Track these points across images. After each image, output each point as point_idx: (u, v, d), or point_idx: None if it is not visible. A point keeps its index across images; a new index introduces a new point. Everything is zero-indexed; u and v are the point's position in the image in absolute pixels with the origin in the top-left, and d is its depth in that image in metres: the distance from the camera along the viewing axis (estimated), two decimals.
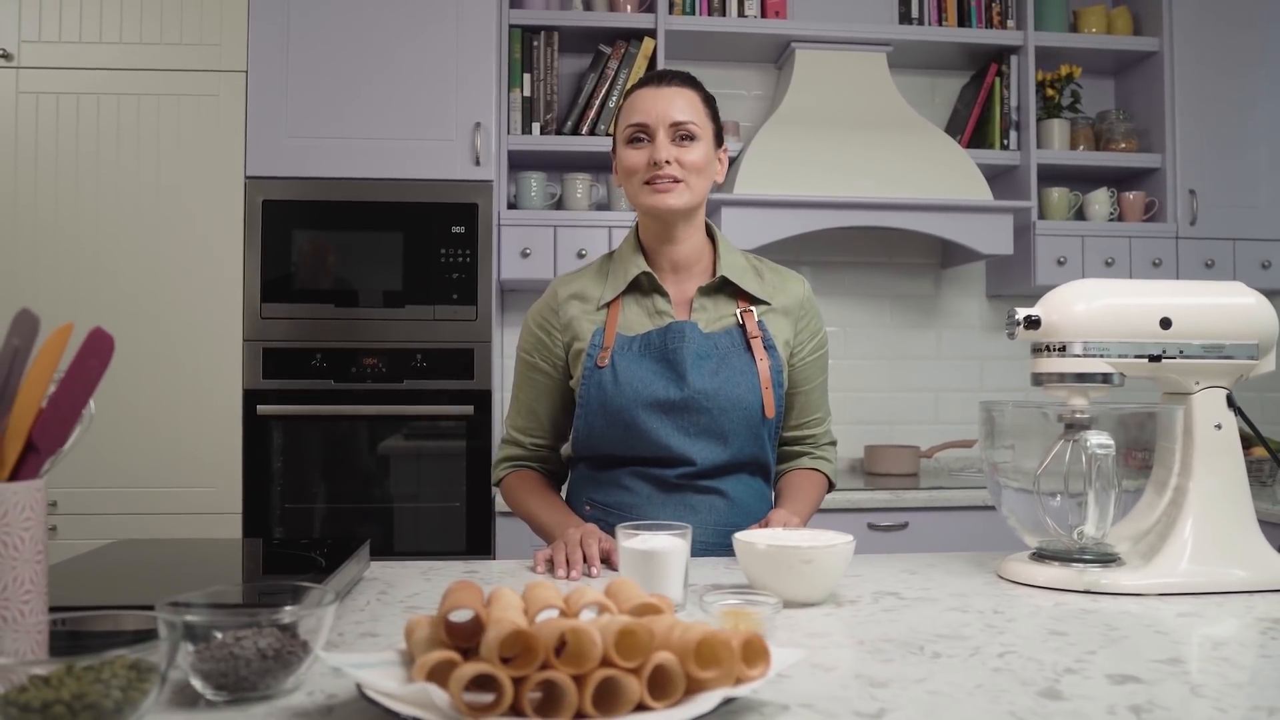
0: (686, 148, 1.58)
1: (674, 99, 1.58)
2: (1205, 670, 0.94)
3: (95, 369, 0.90)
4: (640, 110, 1.59)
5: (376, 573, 1.43)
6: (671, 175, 1.56)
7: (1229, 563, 1.31)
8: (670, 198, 1.57)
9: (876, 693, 0.87)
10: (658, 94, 1.59)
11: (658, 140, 1.57)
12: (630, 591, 0.89)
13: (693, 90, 1.62)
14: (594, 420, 1.60)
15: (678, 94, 1.59)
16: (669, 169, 1.56)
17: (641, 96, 1.60)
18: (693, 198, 1.59)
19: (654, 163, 1.56)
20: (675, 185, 1.57)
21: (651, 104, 1.58)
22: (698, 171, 1.59)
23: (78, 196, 2.72)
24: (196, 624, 0.86)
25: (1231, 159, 3.33)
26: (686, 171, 1.57)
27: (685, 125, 1.57)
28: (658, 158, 1.56)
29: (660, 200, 1.57)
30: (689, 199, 1.59)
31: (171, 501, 2.72)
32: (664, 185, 1.57)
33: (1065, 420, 1.35)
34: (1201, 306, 1.35)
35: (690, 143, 1.58)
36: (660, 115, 1.57)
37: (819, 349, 1.72)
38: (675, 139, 1.57)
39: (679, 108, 1.58)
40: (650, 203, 1.58)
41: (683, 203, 1.58)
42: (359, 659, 0.85)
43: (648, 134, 1.58)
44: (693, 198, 1.59)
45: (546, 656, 0.73)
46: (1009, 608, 1.21)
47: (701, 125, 1.60)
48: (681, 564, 1.18)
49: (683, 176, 1.57)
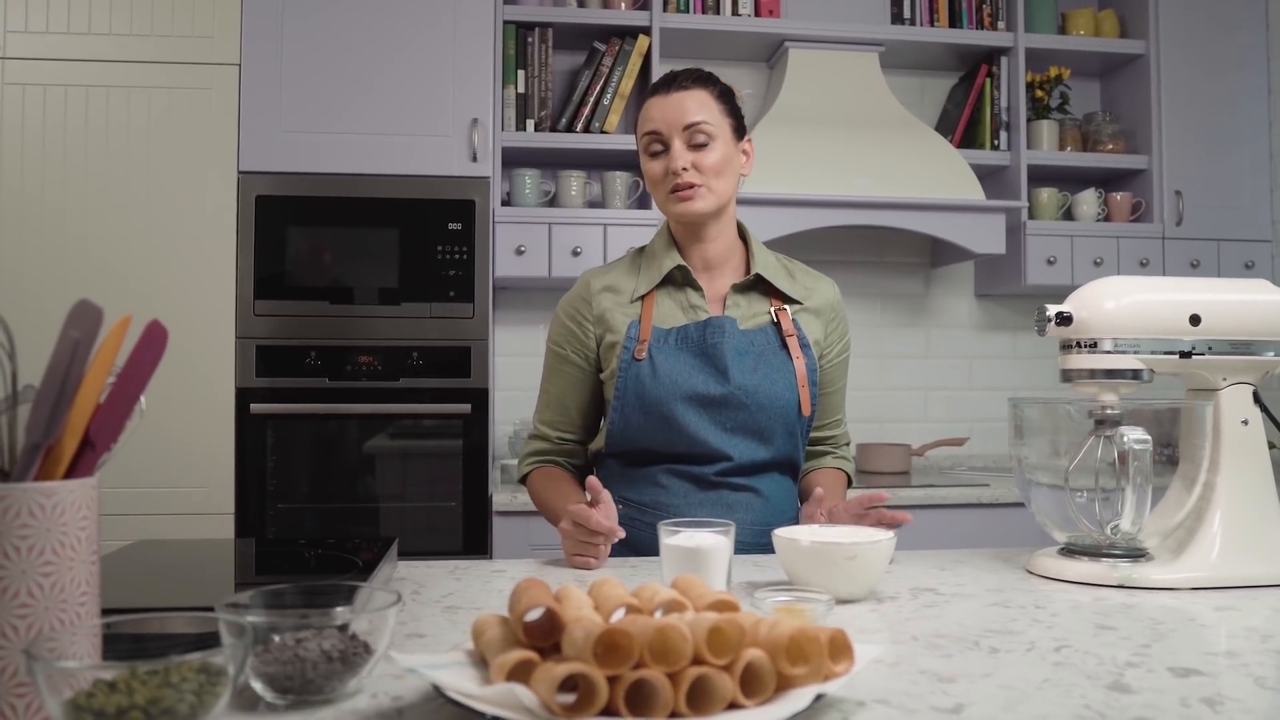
0: (702, 151, 1.57)
1: (684, 103, 1.58)
2: (1263, 663, 0.95)
3: (150, 362, 0.88)
4: (653, 119, 1.59)
5: (405, 572, 1.41)
6: (690, 182, 1.56)
7: (1257, 557, 1.33)
8: (693, 204, 1.58)
9: (948, 688, 0.87)
10: (667, 101, 1.59)
11: (673, 148, 1.57)
12: (700, 588, 0.88)
13: (703, 89, 1.61)
14: (630, 414, 1.58)
15: (687, 96, 1.58)
16: (686, 176, 1.56)
17: (653, 104, 1.60)
18: (716, 200, 1.59)
19: (671, 172, 1.56)
20: (696, 190, 1.57)
21: (662, 112, 1.58)
22: (717, 173, 1.58)
23: (66, 191, 2.66)
24: (258, 625, 0.84)
25: (1216, 160, 3.38)
26: (705, 175, 1.57)
27: (698, 127, 1.57)
28: (673, 166, 1.56)
29: (685, 208, 1.58)
30: (712, 202, 1.59)
31: (163, 501, 2.67)
32: (685, 193, 1.57)
33: (1096, 417, 1.36)
34: (1230, 304, 1.37)
35: (706, 145, 1.57)
36: (672, 123, 1.57)
37: (844, 352, 1.73)
38: (690, 144, 1.57)
39: (689, 111, 1.57)
40: (675, 211, 1.59)
41: (706, 206, 1.58)
42: (430, 660, 0.83)
43: (663, 142, 1.58)
44: (716, 200, 1.59)
45: (641, 655, 0.72)
46: (1049, 603, 1.21)
47: (716, 124, 1.59)
48: (725, 561, 1.18)
49: (701, 181, 1.57)
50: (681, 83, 1.60)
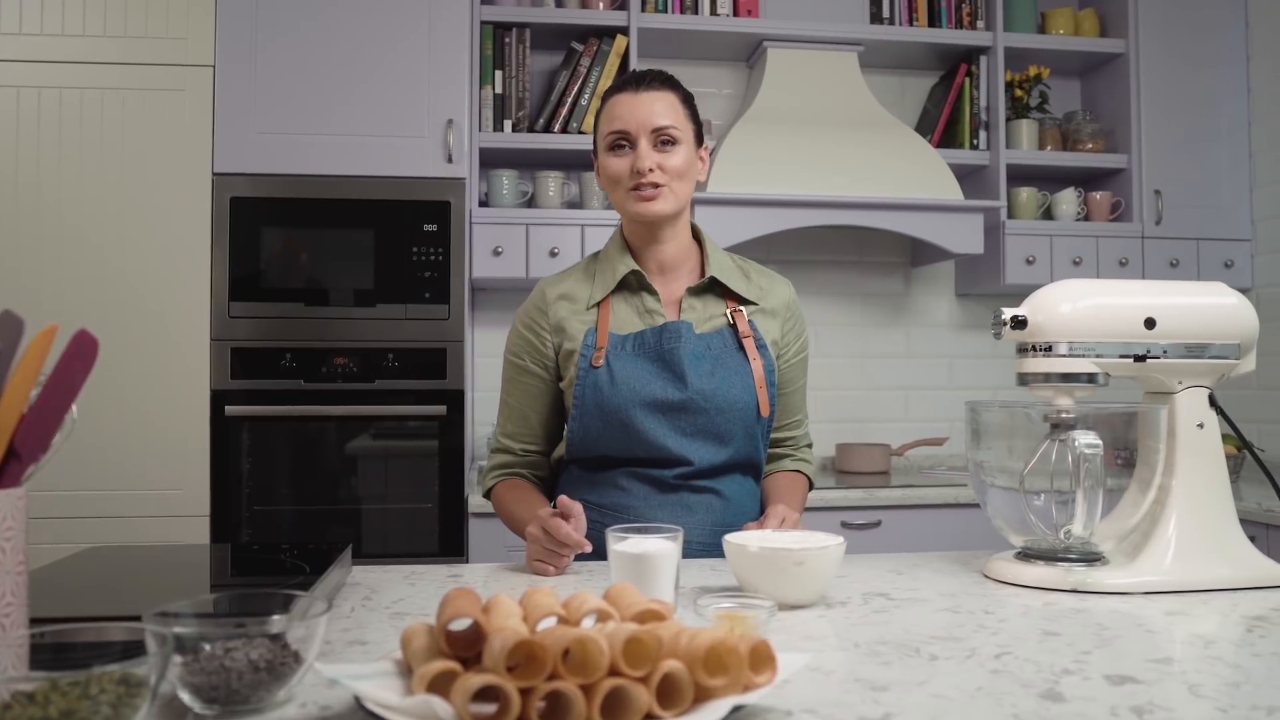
0: (668, 153, 1.57)
1: (653, 103, 1.57)
2: (1200, 670, 0.95)
3: (80, 372, 0.88)
4: (620, 117, 1.57)
5: (358, 577, 1.41)
6: (654, 182, 1.56)
7: (1212, 561, 1.32)
8: (655, 205, 1.57)
9: (879, 696, 0.87)
10: (637, 99, 1.58)
11: (640, 148, 1.56)
12: (631, 597, 0.87)
13: (672, 92, 1.61)
14: (590, 421, 1.58)
15: (657, 98, 1.58)
16: (652, 176, 1.55)
17: (621, 102, 1.59)
18: (677, 202, 1.59)
19: (637, 171, 1.56)
20: (659, 191, 1.57)
21: (631, 110, 1.57)
22: (680, 176, 1.58)
23: (39, 193, 2.66)
24: (185, 635, 0.84)
25: (1195, 160, 3.38)
26: (669, 177, 1.57)
27: (666, 130, 1.57)
28: (640, 166, 1.55)
29: (646, 208, 1.57)
30: (673, 204, 1.59)
31: (138, 504, 2.66)
32: (648, 193, 1.56)
33: (1051, 420, 1.36)
34: (1185, 307, 1.36)
35: (672, 147, 1.57)
36: (641, 122, 1.56)
37: (802, 351, 1.73)
38: (657, 144, 1.57)
39: (659, 112, 1.57)
40: (636, 210, 1.58)
41: (668, 208, 1.58)
42: (355, 670, 0.83)
43: (629, 141, 1.57)
44: (677, 202, 1.59)
45: (554, 666, 0.72)
46: (999, 608, 1.21)
47: (682, 128, 1.59)
48: (673, 567, 1.17)
49: (665, 182, 1.57)
50: (650, 83, 1.59)
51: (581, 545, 1.38)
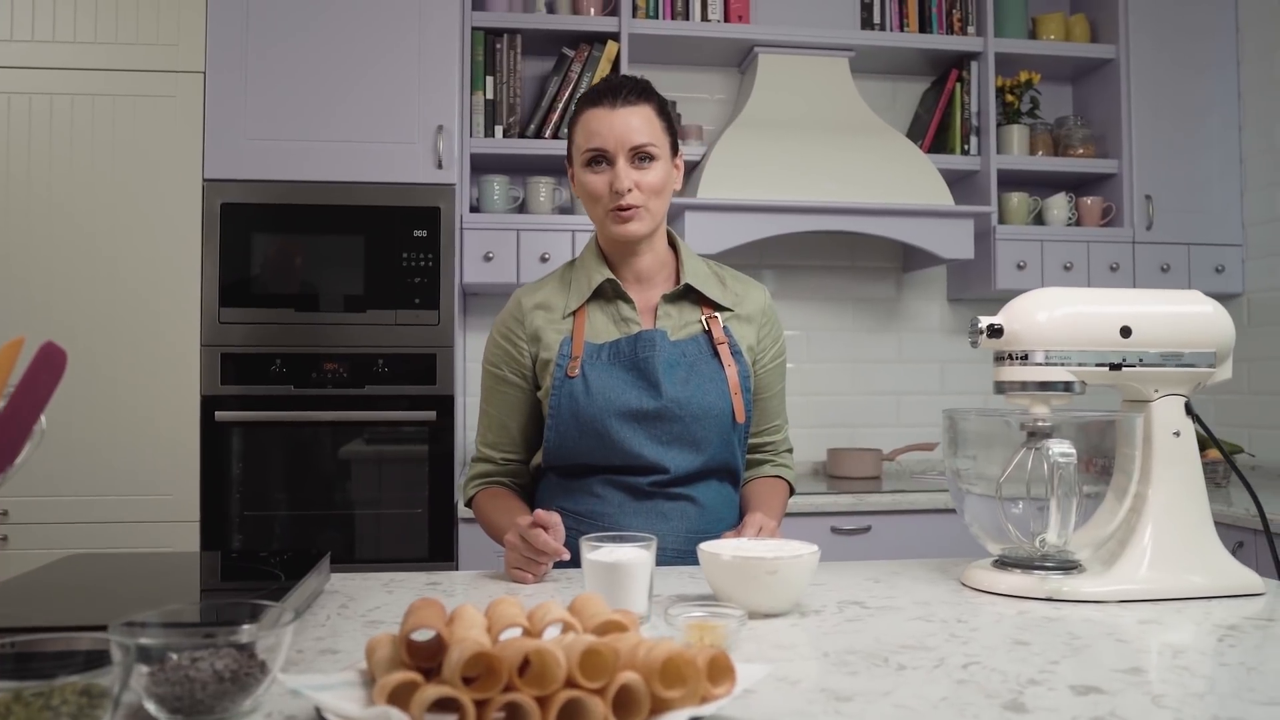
0: (646, 169, 1.56)
1: (630, 119, 1.55)
2: (1166, 680, 0.95)
3: (47, 384, 0.88)
4: (598, 134, 1.55)
5: (338, 584, 1.41)
6: (633, 204, 1.55)
7: (1188, 569, 1.33)
8: (633, 225, 1.57)
9: (842, 707, 0.87)
10: (614, 116, 1.55)
11: (617, 166, 1.54)
12: (595, 608, 0.88)
13: (648, 104, 1.59)
14: (565, 430, 1.58)
15: (634, 113, 1.56)
16: (630, 197, 1.54)
17: (597, 117, 1.56)
18: (653, 220, 1.59)
19: (615, 191, 1.54)
20: (636, 211, 1.56)
21: (609, 128, 1.55)
22: (656, 193, 1.57)
23: (30, 199, 2.66)
24: (150, 645, 0.84)
25: (1186, 165, 3.38)
26: (646, 195, 1.56)
27: (644, 148, 1.55)
28: (619, 186, 1.54)
29: (624, 230, 1.57)
30: (650, 224, 1.58)
31: (128, 510, 2.66)
32: (626, 214, 1.55)
33: (1028, 429, 1.36)
34: (1161, 315, 1.37)
35: (649, 163, 1.56)
36: (619, 140, 1.54)
37: (779, 356, 1.73)
38: (634, 161, 1.56)
39: (637, 129, 1.55)
40: (613, 231, 1.58)
41: (645, 229, 1.58)
42: (319, 680, 0.83)
43: (606, 159, 1.56)
44: (653, 220, 1.59)
45: (510, 678, 0.72)
46: (972, 616, 1.21)
47: (659, 143, 1.57)
48: (646, 576, 1.18)
49: (642, 202, 1.56)
50: (627, 97, 1.57)
51: (559, 553, 1.38)
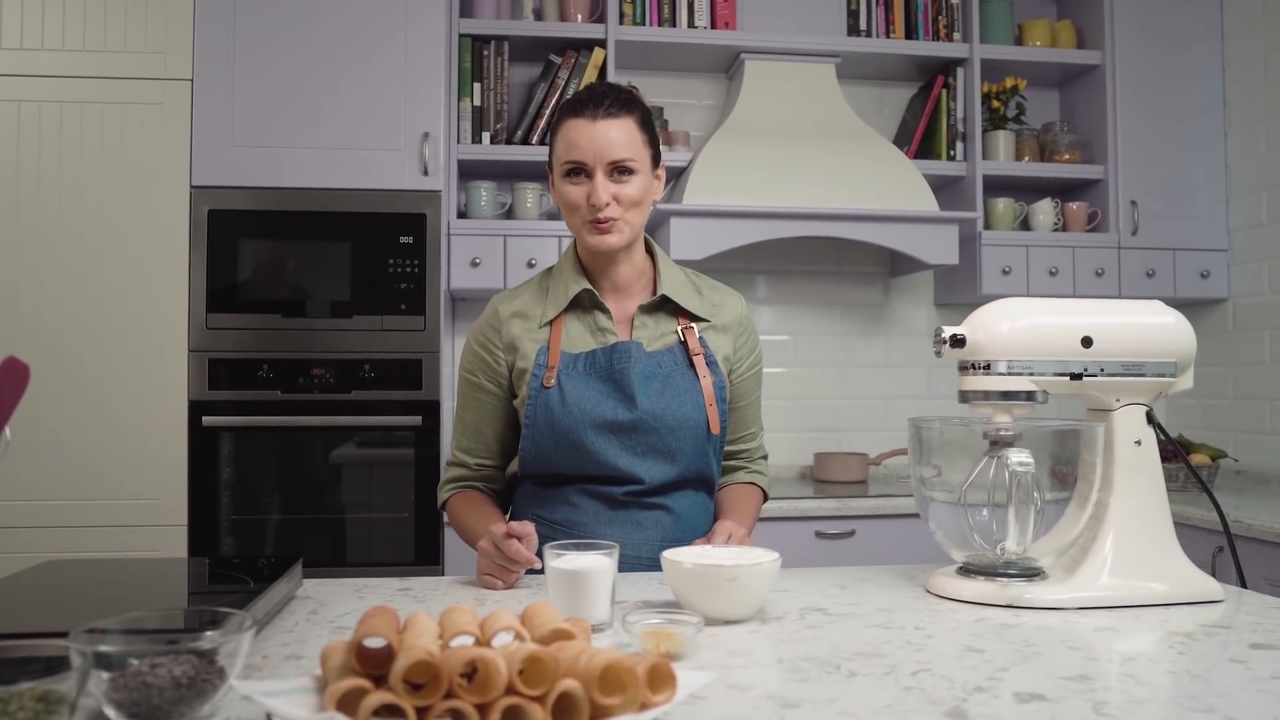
0: (624, 183, 1.56)
1: (609, 132, 1.54)
2: (1110, 687, 0.97)
3: (10, 397, 0.90)
4: (578, 146, 1.55)
5: (311, 590, 1.43)
6: (610, 217, 1.55)
7: (1148, 576, 1.35)
8: (610, 238, 1.57)
9: (787, 714, 0.89)
10: (594, 129, 1.54)
11: (596, 180, 1.54)
12: (545, 616, 0.89)
13: (629, 116, 1.58)
14: (541, 440, 1.59)
15: (614, 126, 1.55)
16: (608, 210, 1.55)
17: (577, 129, 1.55)
18: (632, 233, 1.60)
19: (593, 204, 1.55)
20: (614, 224, 1.56)
21: (589, 141, 1.54)
22: (635, 205, 1.58)
23: (18, 206, 2.68)
24: (109, 652, 0.86)
25: (1171, 170, 3.40)
26: (625, 209, 1.56)
27: (623, 162, 1.55)
28: (596, 200, 1.54)
29: (600, 241, 1.57)
30: (628, 235, 1.59)
31: (117, 514, 2.68)
32: (604, 226, 1.56)
33: (990, 437, 1.38)
34: (1121, 326, 1.38)
35: (629, 177, 1.56)
36: (598, 154, 1.54)
37: (755, 365, 1.74)
38: (613, 174, 1.56)
39: (616, 143, 1.54)
40: (590, 242, 1.59)
41: (622, 241, 1.59)
42: (273, 686, 0.85)
43: (585, 171, 1.55)
44: (632, 233, 1.60)
45: (453, 685, 0.74)
46: (931, 624, 1.23)
47: (639, 157, 1.57)
48: (607, 583, 1.19)
49: (620, 215, 1.56)
50: (609, 109, 1.56)
51: (532, 562, 1.40)
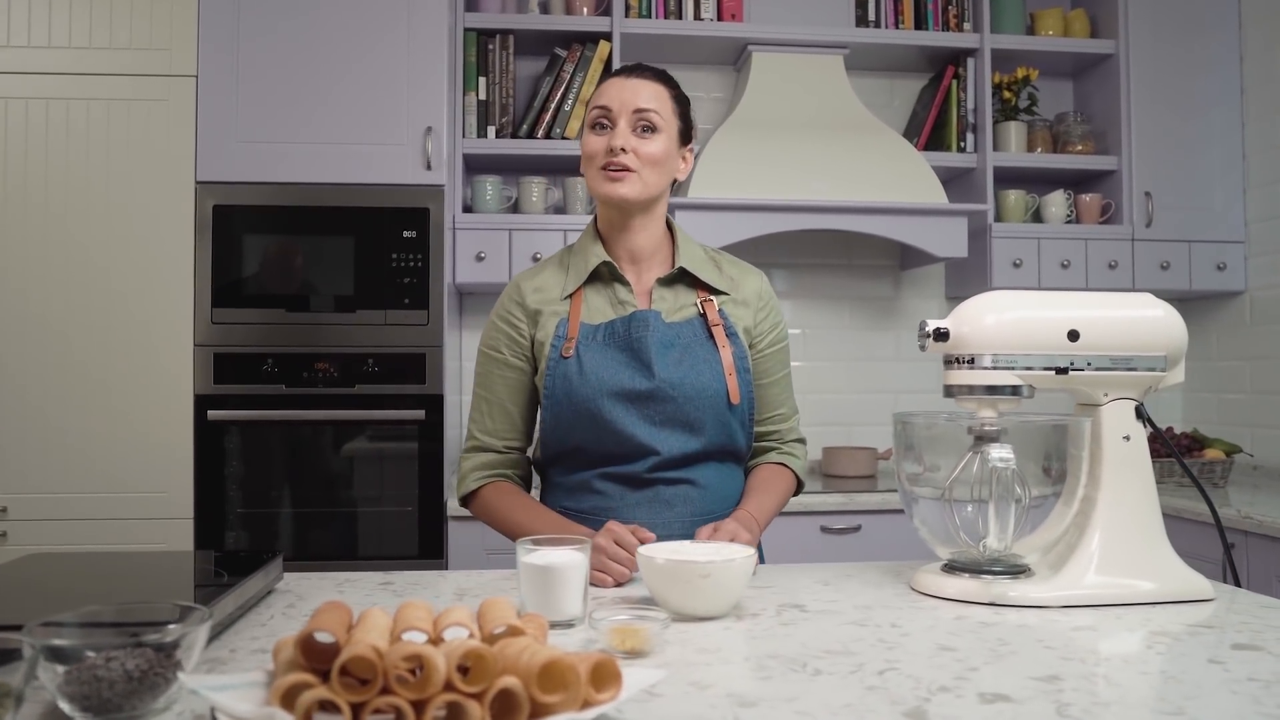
0: (647, 139, 1.57)
1: (640, 89, 1.59)
2: (1078, 689, 0.95)
3: None
4: (606, 95, 1.59)
5: (292, 584, 1.43)
6: (624, 165, 1.56)
7: (1136, 574, 1.32)
8: (621, 186, 1.56)
9: (742, 713, 0.88)
10: (625, 83, 1.60)
11: (618, 127, 1.57)
12: (497, 612, 0.89)
13: (662, 85, 1.62)
14: (560, 412, 1.58)
15: (645, 85, 1.60)
16: (623, 158, 1.55)
17: (611, 84, 1.61)
18: (645, 189, 1.58)
19: (610, 149, 1.56)
20: (628, 174, 1.56)
21: (618, 91, 1.59)
22: (654, 164, 1.58)
23: (25, 202, 2.71)
24: (62, 645, 0.86)
25: (1187, 161, 3.34)
26: (642, 163, 1.57)
27: (647, 114, 1.57)
28: (614, 144, 1.56)
29: (611, 189, 1.57)
30: (640, 190, 1.58)
31: (124, 507, 2.71)
32: (616, 174, 1.56)
33: (975, 432, 1.36)
34: (1109, 319, 1.36)
35: (651, 134, 1.58)
36: (624, 102, 1.57)
37: (779, 341, 1.72)
38: (636, 129, 1.57)
39: (644, 96, 1.58)
40: (602, 190, 1.58)
41: (634, 193, 1.57)
42: (220, 680, 0.85)
43: (610, 120, 1.58)
44: (645, 189, 1.58)
45: (388, 681, 0.73)
46: (908, 621, 1.21)
47: (665, 118, 1.59)
48: (579, 578, 1.18)
49: (636, 167, 1.56)
50: (644, 72, 1.62)
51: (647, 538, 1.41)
